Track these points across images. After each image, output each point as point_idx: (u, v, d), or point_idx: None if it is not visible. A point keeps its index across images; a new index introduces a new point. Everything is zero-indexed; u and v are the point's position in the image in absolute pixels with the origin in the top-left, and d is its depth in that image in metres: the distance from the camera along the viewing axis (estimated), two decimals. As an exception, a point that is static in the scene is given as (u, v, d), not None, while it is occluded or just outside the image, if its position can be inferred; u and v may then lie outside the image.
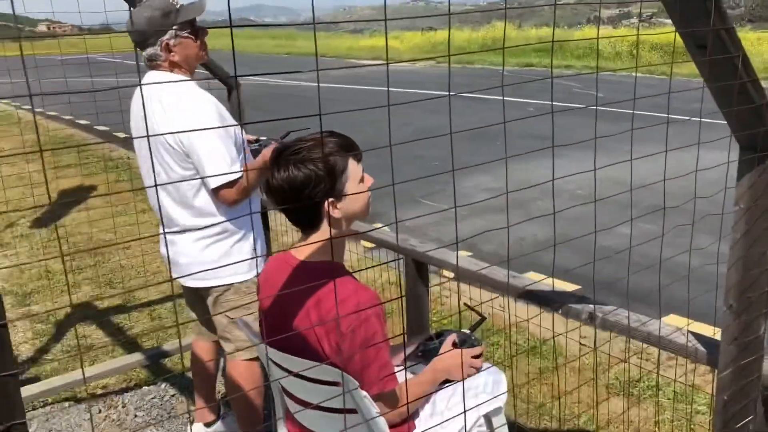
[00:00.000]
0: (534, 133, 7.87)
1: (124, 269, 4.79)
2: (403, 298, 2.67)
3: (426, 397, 1.70)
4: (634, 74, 17.41)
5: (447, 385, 1.76)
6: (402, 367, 1.91)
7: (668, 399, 3.08)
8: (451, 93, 1.10)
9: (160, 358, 3.34)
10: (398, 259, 2.66)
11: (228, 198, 2.19)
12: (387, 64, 0.98)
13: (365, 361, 1.47)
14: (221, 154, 2.13)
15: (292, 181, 1.49)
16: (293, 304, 1.53)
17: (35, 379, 3.22)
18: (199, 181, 2.21)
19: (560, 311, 2.10)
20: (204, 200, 2.25)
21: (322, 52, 32.00)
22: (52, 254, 5.06)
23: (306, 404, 1.59)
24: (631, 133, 1.50)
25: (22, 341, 3.74)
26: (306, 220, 1.56)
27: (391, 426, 1.58)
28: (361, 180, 1.58)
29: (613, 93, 12.60)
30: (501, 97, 12.52)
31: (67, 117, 11.51)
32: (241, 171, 2.15)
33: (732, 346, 1.63)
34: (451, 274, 2.69)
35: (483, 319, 2.03)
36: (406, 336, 2.50)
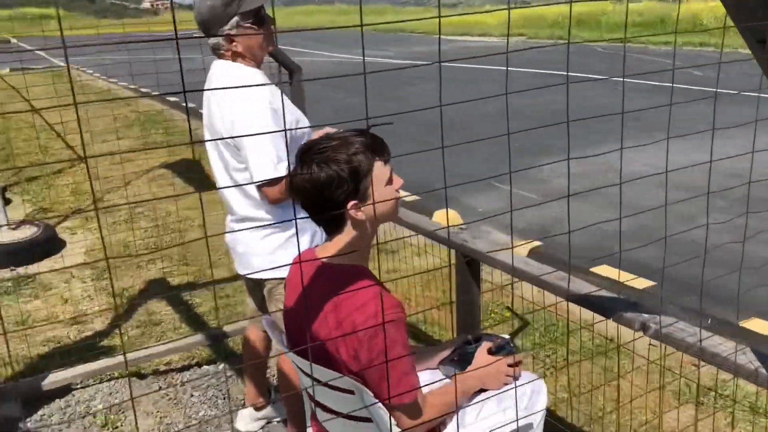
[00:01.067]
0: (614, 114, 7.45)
1: (200, 246, 4.92)
2: (454, 296, 2.59)
3: (455, 408, 1.63)
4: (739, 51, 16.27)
5: (480, 395, 1.68)
6: (436, 371, 1.85)
7: (744, 410, 2.86)
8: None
9: (223, 338, 3.42)
10: (445, 265, 2.57)
11: (271, 196, 2.17)
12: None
13: (383, 371, 1.41)
14: (267, 152, 2.10)
15: (314, 181, 1.44)
16: (313, 307, 1.50)
17: (106, 353, 3.37)
18: None
19: (612, 319, 1.97)
20: None
21: (411, 28, 31.76)
22: (131, 229, 5.27)
23: (325, 408, 1.56)
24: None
25: (98, 315, 3.93)
26: (329, 221, 1.51)
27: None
28: (389, 182, 1.51)
29: (713, 71, 11.82)
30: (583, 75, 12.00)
31: (155, 93, 11.95)
32: (284, 176, 2.10)
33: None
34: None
35: (525, 324, 1.93)
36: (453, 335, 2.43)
